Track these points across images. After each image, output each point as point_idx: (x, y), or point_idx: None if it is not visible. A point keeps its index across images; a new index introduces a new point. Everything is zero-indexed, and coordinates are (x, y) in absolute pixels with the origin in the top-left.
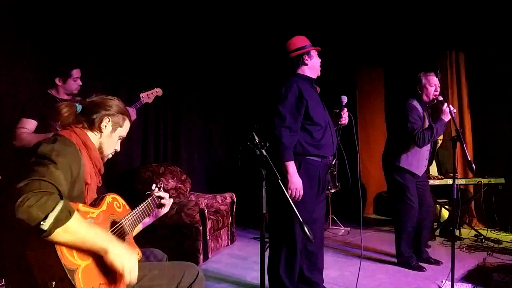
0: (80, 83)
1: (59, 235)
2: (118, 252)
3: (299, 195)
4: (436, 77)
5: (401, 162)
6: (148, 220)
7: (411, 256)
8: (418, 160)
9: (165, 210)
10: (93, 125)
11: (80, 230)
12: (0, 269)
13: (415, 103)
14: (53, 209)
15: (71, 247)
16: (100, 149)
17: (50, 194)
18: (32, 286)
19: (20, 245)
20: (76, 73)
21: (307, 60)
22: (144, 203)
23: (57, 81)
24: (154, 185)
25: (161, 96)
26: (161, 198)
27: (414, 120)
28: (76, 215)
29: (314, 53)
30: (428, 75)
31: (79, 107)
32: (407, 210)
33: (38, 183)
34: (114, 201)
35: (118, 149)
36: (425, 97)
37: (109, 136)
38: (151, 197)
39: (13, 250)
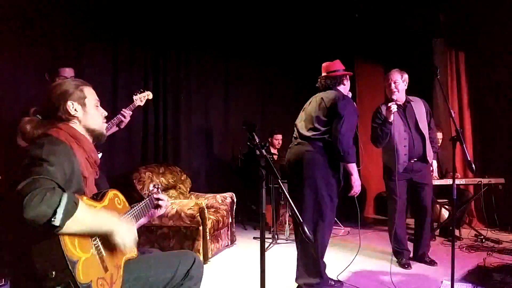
0: None
1: (68, 227)
2: (121, 233)
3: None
4: (436, 77)
5: (383, 159)
6: (142, 221)
7: (400, 252)
8: (394, 158)
9: (161, 211)
10: (67, 119)
11: (87, 218)
12: (3, 270)
13: (382, 107)
14: (59, 204)
15: (78, 235)
16: (89, 129)
17: (52, 189)
18: (34, 281)
19: (22, 242)
20: (63, 71)
21: (345, 81)
22: (142, 202)
23: (46, 76)
24: (151, 185)
25: (162, 96)
26: (159, 199)
27: (374, 125)
28: (81, 204)
29: (348, 76)
30: (389, 73)
31: (39, 117)
32: (390, 204)
33: (38, 181)
34: (115, 197)
35: (105, 112)
36: (389, 96)
37: (86, 113)
38: (149, 197)
39: (15, 250)
